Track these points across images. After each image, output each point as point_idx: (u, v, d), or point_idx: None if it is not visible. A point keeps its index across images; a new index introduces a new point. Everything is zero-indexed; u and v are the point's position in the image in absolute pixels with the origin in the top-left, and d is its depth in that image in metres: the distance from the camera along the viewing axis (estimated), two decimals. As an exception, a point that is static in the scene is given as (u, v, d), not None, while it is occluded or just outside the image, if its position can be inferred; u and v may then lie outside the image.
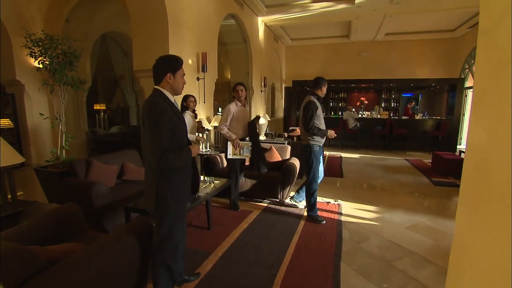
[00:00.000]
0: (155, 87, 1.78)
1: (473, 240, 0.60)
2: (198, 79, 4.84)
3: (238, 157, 3.49)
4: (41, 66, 3.59)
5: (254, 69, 7.55)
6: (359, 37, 9.83)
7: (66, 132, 3.98)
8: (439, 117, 8.96)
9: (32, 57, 3.51)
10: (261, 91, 8.34)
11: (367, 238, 2.98)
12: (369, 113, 9.62)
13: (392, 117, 9.12)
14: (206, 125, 4.74)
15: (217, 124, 5.17)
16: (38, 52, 3.46)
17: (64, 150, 3.91)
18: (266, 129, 6.82)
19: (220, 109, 8.82)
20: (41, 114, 3.95)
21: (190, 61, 4.62)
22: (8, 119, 4.97)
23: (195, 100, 3.90)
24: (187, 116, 3.78)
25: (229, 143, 3.45)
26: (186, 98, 3.83)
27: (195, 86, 4.83)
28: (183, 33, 4.42)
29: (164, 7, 4.00)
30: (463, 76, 9.03)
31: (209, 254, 2.62)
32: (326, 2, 6.71)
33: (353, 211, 3.70)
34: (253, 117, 3.80)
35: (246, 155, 3.48)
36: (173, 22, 4.17)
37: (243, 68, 7.55)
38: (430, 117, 8.93)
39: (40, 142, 5.23)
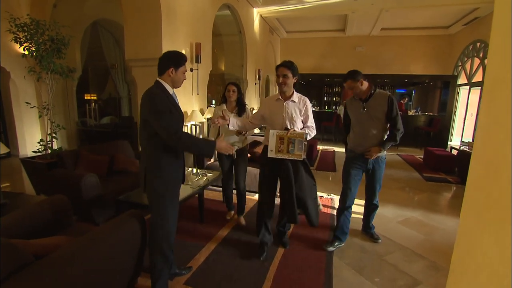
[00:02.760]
0: (157, 78, 1.87)
1: (480, 239, 0.58)
2: (191, 70, 4.74)
3: (286, 156, 2.23)
4: (26, 52, 3.45)
5: (248, 61, 7.45)
6: (355, 32, 9.79)
7: (55, 122, 3.86)
8: (431, 114, 9.05)
9: (17, 43, 3.36)
10: (256, 83, 8.26)
11: (359, 232, 3.00)
12: (363, 108, 9.64)
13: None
14: (199, 117, 4.67)
15: (210, 116, 5.10)
16: (24, 38, 3.32)
17: (53, 141, 3.80)
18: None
19: (214, 101, 8.70)
20: (27, 103, 3.82)
21: (183, 51, 4.52)
22: (-7, 108, 4.80)
23: (236, 90, 2.95)
24: (218, 112, 2.95)
25: (271, 134, 2.26)
26: (226, 87, 3.00)
27: (188, 77, 4.73)
28: (176, 22, 4.31)
29: (157, -5, 3.88)
30: (456, 74, 9.11)
31: (202, 247, 2.60)
32: (322, -5, 6.63)
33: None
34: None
35: (297, 153, 2.20)
36: (167, 10, 4.05)
37: (237, 60, 7.45)
38: (423, 113, 9.02)
39: (27, 132, 5.07)
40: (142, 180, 1.89)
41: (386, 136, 2.59)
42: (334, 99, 10.82)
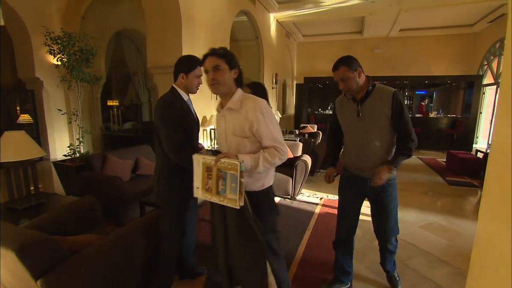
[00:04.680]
0: (172, 84, 1.89)
1: (497, 235, 0.60)
2: (210, 75, 4.88)
3: (215, 199, 1.39)
4: (59, 63, 3.70)
5: (265, 66, 7.53)
6: (373, 33, 9.66)
7: (83, 127, 4.09)
8: (454, 115, 8.75)
9: (51, 55, 3.61)
10: (273, 88, 8.33)
11: (380, 236, 2.96)
12: (381, 110, 9.47)
13: (406, 115, 8.94)
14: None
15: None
16: (57, 50, 3.57)
17: (81, 145, 4.03)
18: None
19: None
20: (59, 109, 4.08)
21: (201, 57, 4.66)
22: (27, 115, 5.13)
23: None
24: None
25: (195, 160, 1.46)
26: None
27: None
28: (196, 30, 4.46)
29: (178, 4, 4.04)
30: (481, 73, 8.77)
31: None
32: (339, -2, 6.63)
33: (365, 209, 3.66)
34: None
35: (231, 197, 1.33)
36: (186, 19, 4.20)
37: (254, 64, 7.55)
38: (445, 115, 8.74)
39: (57, 137, 5.38)
40: (155, 188, 1.90)
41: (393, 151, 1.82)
42: (352, 101, 10.69)
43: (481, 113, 8.72)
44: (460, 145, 7.79)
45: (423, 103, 9.17)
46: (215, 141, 4.93)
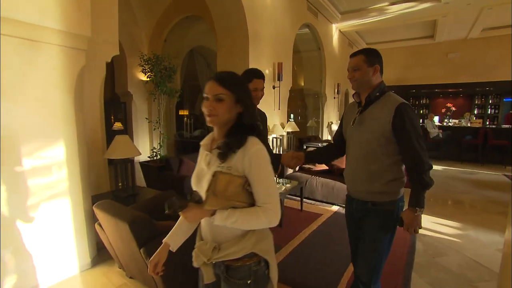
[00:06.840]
0: None
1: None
2: (274, 87, 5.19)
3: None
4: (148, 79, 4.45)
5: (327, 76, 7.58)
6: (447, 37, 8.85)
7: (163, 134, 4.79)
8: (556, 127, 7.42)
9: (143, 73, 4.38)
10: (334, 98, 8.30)
11: (445, 253, 2.79)
12: (456, 121, 8.57)
13: (488, 126, 7.94)
14: (279, 130, 5.05)
15: (290, 130, 5.45)
16: (148, 69, 4.31)
17: (161, 149, 4.72)
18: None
19: (292, 115, 9.06)
20: (146, 118, 4.86)
21: (267, 71, 5.01)
22: (120, 123, 6.18)
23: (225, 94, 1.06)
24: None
25: None
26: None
27: (270, 94, 5.19)
28: (261, 45, 4.83)
29: (246, 24, 4.47)
30: None
31: (280, 249, 2.86)
32: (406, 3, 6.35)
33: (429, 224, 3.46)
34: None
35: None
36: (253, 36, 4.61)
37: (316, 75, 7.66)
38: (543, 126, 7.47)
39: (140, 142, 6.33)
40: None
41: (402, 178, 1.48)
42: (421, 111, 9.93)
43: None
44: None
45: None
46: (277, 149, 5.19)
